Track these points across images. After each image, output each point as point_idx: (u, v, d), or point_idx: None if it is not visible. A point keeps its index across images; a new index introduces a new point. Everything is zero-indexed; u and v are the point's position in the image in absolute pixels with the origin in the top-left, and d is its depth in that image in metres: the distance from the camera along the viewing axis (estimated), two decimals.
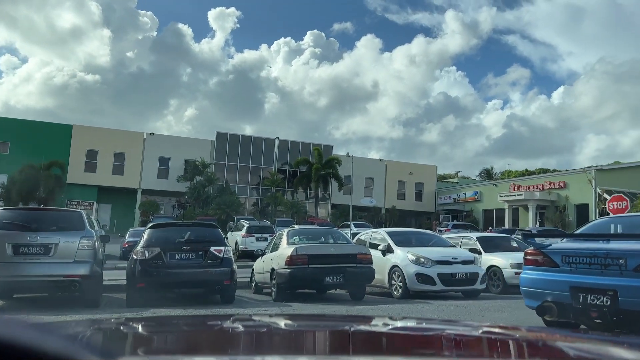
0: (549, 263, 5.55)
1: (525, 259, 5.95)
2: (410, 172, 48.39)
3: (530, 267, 5.82)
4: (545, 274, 5.56)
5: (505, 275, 11.21)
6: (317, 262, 8.99)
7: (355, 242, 12.59)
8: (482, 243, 12.42)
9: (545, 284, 5.51)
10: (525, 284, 5.84)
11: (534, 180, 37.48)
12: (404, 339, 1.55)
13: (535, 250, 5.78)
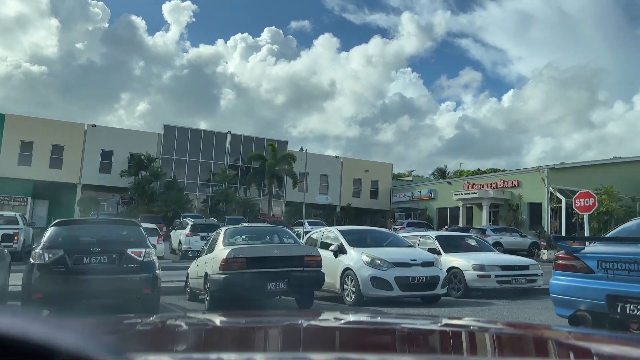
0: (583, 269, 5.14)
1: (556, 263, 5.57)
2: (366, 169, 47.75)
3: (562, 273, 5.39)
4: (578, 281, 5.16)
5: (466, 278, 10.29)
6: (258, 266, 7.70)
7: (306, 241, 11.41)
8: (442, 242, 11.49)
9: (578, 292, 5.13)
10: (556, 291, 5.45)
11: (487, 178, 37.50)
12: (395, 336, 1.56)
13: (568, 255, 5.35)
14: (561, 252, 5.57)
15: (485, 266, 10.13)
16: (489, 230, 28.70)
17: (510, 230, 29.60)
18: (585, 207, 10.28)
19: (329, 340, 1.50)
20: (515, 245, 28.66)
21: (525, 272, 10.37)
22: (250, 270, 7.64)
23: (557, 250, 6.11)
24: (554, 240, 5.93)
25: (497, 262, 10.36)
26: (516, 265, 10.47)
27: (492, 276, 10.03)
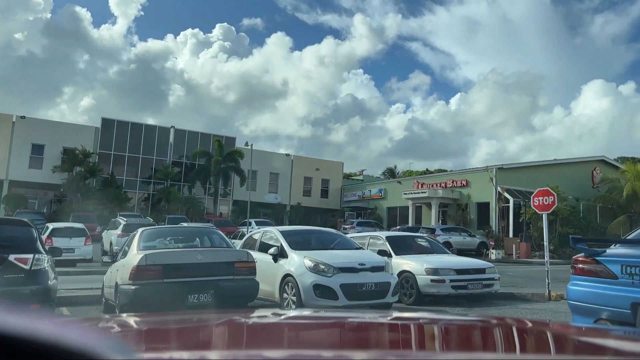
0: (606, 274, 4.71)
1: (575, 267, 5.09)
2: (317, 168, 46.82)
3: (582, 278, 4.95)
4: (600, 287, 4.74)
5: (419, 283, 9.40)
6: (177, 275, 6.43)
7: (244, 242, 10.19)
8: (393, 244, 10.56)
9: (600, 299, 4.72)
10: (574, 298, 5.02)
11: (437, 178, 37.40)
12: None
13: (588, 258, 4.89)
14: (580, 255, 5.06)
15: (440, 270, 9.28)
16: (438, 229, 28.38)
17: (459, 229, 29.42)
18: (544, 206, 9.64)
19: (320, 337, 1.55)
20: (464, 245, 28.49)
21: (481, 276, 9.60)
22: (168, 279, 6.36)
23: (574, 252, 5.56)
24: (572, 242, 5.09)
25: (452, 266, 9.54)
26: (472, 268, 9.68)
27: (447, 281, 9.19)
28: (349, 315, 2.26)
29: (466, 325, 1.72)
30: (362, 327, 1.68)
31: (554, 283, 14.96)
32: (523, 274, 19.32)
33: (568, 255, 28.80)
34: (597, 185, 34.87)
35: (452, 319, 1.94)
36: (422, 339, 1.49)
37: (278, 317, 2.02)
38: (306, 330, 1.65)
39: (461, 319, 1.97)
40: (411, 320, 1.88)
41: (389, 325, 1.72)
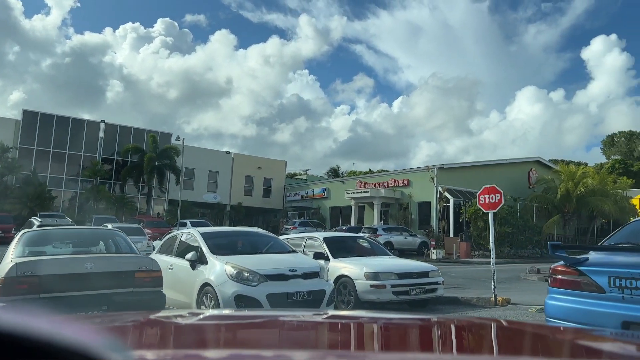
0: (591, 286, 4.00)
1: (554, 278, 4.35)
2: (259, 166, 45.47)
3: (562, 291, 4.22)
4: (584, 302, 4.02)
5: (358, 289, 8.51)
6: (58, 288, 5.17)
7: (161, 246, 8.93)
8: (331, 246, 9.63)
9: (584, 316, 3.94)
10: (553, 315, 4.22)
11: (379, 177, 37.12)
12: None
13: (569, 268, 4.16)
14: (559, 263, 4.32)
15: (380, 274, 8.43)
16: (380, 229, 27.94)
17: (400, 229, 29.14)
18: (491, 204, 9.04)
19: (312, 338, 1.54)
20: (406, 244, 28.22)
21: (424, 280, 8.83)
22: (46, 294, 5.08)
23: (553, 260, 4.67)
24: (552, 249, 4.19)
25: (394, 269, 8.73)
26: (415, 272, 8.89)
27: (388, 286, 8.36)
28: (281, 314, 2.22)
29: (405, 324, 1.72)
30: (300, 327, 1.68)
31: (496, 285, 14.68)
32: (464, 274, 19.03)
33: (506, 255, 29.32)
34: (533, 186, 35.77)
35: (392, 318, 1.97)
36: (360, 338, 1.51)
37: (265, 317, 2.00)
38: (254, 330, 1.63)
39: (400, 317, 2.04)
40: (350, 319, 1.88)
41: (328, 325, 1.72)
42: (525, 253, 29.83)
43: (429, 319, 1.99)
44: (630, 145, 76.10)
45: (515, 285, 15.06)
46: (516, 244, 29.56)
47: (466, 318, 2.17)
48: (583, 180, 32.03)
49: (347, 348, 1.34)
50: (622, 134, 79.49)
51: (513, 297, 10.31)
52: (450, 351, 1.37)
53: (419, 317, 1.98)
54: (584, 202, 31.75)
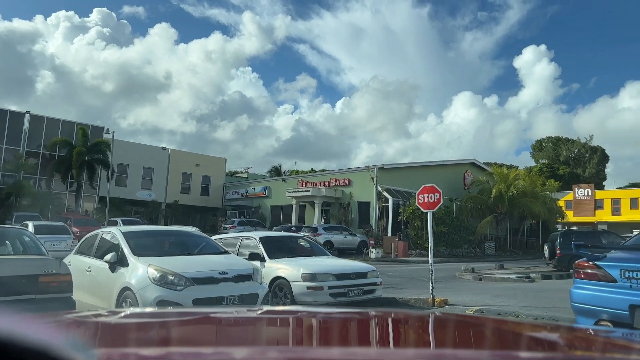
0: (606, 277, 5.08)
1: (577, 271, 5.47)
2: (197, 163, 44.08)
3: (584, 281, 5.33)
4: (601, 290, 5.09)
5: (294, 291, 8.11)
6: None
7: (79, 246, 8.13)
8: (267, 246, 9.18)
9: (600, 301, 5.07)
10: (577, 300, 5.38)
11: (321, 177, 37.00)
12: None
13: (589, 263, 5.29)
14: (582, 259, 5.42)
15: (318, 275, 8.09)
16: (320, 228, 27.76)
17: (340, 228, 29.10)
18: (430, 204, 8.92)
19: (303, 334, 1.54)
20: (346, 244, 28.21)
21: (362, 281, 8.58)
22: None
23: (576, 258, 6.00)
24: (575, 248, 5.62)
25: (332, 270, 8.40)
26: (353, 273, 8.61)
27: (325, 288, 8.03)
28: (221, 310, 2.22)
29: (342, 318, 1.74)
30: (237, 323, 1.68)
31: (430, 283, 14.75)
32: (402, 273, 19.14)
33: (442, 254, 29.99)
34: (468, 187, 36.88)
35: (330, 312, 1.94)
36: (298, 333, 1.52)
37: (250, 314, 1.99)
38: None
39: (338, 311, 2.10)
40: (286, 314, 1.90)
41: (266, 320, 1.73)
42: (460, 252, 30.65)
43: (366, 312, 1.97)
44: (556, 150, 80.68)
45: (451, 284, 15.25)
46: (451, 243, 30.31)
47: (402, 311, 2.29)
48: (515, 182, 33.37)
49: (284, 343, 1.34)
50: (549, 139, 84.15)
51: (450, 298, 10.31)
52: (386, 344, 1.37)
53: (355, 310, 1.96)
54: (515, 203, 33.06)
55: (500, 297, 10.85)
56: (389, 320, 1.73)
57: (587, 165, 77.74)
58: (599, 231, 22.26)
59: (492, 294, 11.55)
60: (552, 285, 13.97)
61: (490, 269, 20.98)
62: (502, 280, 16.40)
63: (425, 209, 9.16)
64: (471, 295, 11.38)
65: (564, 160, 78.61)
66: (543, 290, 12.31)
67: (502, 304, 9.52)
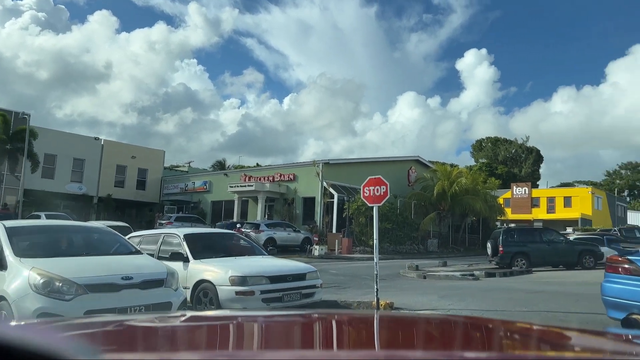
0: (637, 272, 5.20)
1: (609, 265, 5.58)
2: (133, 155, 41.61)
3: (615, 276, 5.44)
4: (632, 284, 5.20)
5: (220, 297, 7.01)
6: None
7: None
8: (192, 244, 8.02)
9: (631, 295, 5.15)
10: (608, 294, 5.49)
11: (265, 171, 35.73)
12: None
13: (622, 258, 5.46)
14: (614, 254, 5.67)
15: (249, 278, 7.04)
16: (262, 225, 26.65)
17: (284, 225, 28.11)
18: (376, 197, 8.09)
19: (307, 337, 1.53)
20: (289, 240, 27.27)
21: (300, 283, 7.60)
22: None
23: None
24: (608, 243, 6.31)
25: (265, 272, 7.36)
26: (290, 274, 7.59)
27: (257, 292, 6.99)
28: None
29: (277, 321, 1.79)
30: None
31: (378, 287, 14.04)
32: (345, 271, 18.41)
33: (386, 250, 29.66)
34: (412, 184, 36.88)
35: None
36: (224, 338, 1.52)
37: (257, 318, 1.96)
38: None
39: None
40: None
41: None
42: (404, 249, 30.45)
43: (309, 314, 2.01)
44: (495, 150, 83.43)
45: (396, 283, 14.62)
46: (396, 240, 30.05)
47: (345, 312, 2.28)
48: (458, 179, 33.63)
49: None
50: (489, 140, 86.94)
51: (396, 299, 9.57)
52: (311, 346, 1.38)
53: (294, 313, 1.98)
54: (457, 201, 33.31)
55: (448, 298, 10.23)
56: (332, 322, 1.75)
57: (523, 165, 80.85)
58: (540, 228, 22.51)
59: (439, 294, 10.94)
60: (497, 284, 13.62)
61: (434, 266, 20.68)
62: (446, 279, 15.99)
63: (371, 203, 8.32)
64: (417, 296, 10.72)
65: (502, 160, 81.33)
66: (489, 289, 11.86)
67: (451, 307, 8.88)
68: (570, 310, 7.85)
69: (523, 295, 10.11)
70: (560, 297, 9.74)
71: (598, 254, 19.61)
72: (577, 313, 7.80)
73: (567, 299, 9.27)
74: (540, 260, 19.45)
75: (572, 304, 8.68)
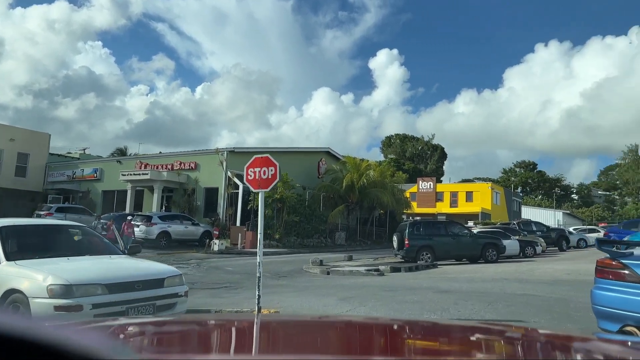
0: (633, 277, 4.58)
1: (600, 270, 4.89)
2: (12, 138, 36.60)
3: (608, 282, 4.77)
4: (628, 292, 4.58)
5: (33, 313, 5.01)
6: None
7: None
8: (8, 239, 5.84)
9: (626, 304, 4.56)
10: (599, 303, 4.84)
11: (163, 159, 32.76)
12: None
13: (614, 261, 4.72)
14: (606, 257, 4.87)
15: (75, 287, 5.08)
16: (155, 217, 24.09)
17: (181, 217, 25.72)
18: (263, 181, 6.49)
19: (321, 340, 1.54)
20: (186, 234, 24.98)
21: (155, 292, 5.71)
22: None
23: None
24: (598, 244, 4.72)
25: (103, 278, 5.40)
26: (139, 280, 5.65)
27: (87, 307, 5.07)
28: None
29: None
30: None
31: (272, 281, 12.45)
32: (244, 268, 16.66)
33: (293, 244, 28.29)
34: (322, 176, 35.87)
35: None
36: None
37: (280, 320, 2.02)
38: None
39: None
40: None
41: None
42: (311, 242, 29.30)
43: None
44: (403, 147, 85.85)
45: (296, 281, 13.15)
46: (303, 233, 28.79)
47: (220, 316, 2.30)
48: (367, 172, 33.09)
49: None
50: (397, 137, 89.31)
51: (288, 304, 8.04)
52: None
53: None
54: (366, 193, 32.79)
55: (348, 301, 8.88)
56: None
57: (429, 162, 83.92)
58: (446, 221, 22.24)
59: (339, 295, 9.58)
60: (403, 281, 12.61)
61: (340, 261, 19.59)
62: (350, 274, 14.83)
63: (256, 188, 6.68)
64: (314, 299, 9.28)
65: (409, 156, 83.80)
66: (395, 288, 10.73)
67: (351, 312, 7.49)
68: (486, 318, 6.78)
69: (431, 296, 9.02)
70: (472, 298, 8.76)
71: (500, 247, 19.63)
72: (499, 321, 6.73)
73: (480, 301, 8.28)
74: (445, 254, 19.06)
75: (486, 308, 7.66)
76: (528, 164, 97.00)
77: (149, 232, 23.11)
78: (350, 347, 1.45)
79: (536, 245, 23.14)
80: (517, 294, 9.26)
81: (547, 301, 8.22)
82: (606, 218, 70.73)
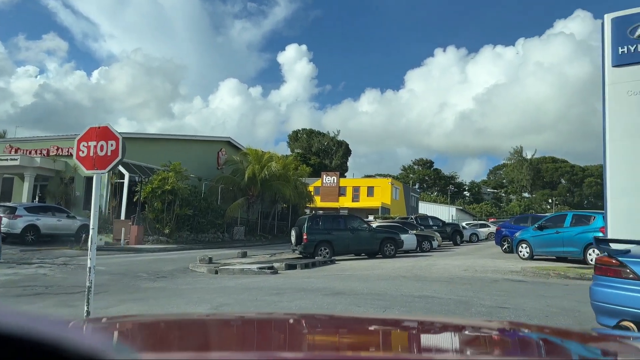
0: (629, 275, 4.78)
1: (598, 267, 5.15)
2: None
3: (606, 279, 4.99)
4: (624, 288, 4.79)
5: None
6: None
7: None
8: None
9: (623, 300, 4.78)
10: (598, 299, 5.06)
11: (38, 143, 28.92)
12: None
13: (612, 259, 4.96)
14: (604, 254, 5.15)
15: None
16: (21, 208, 20.87)
17: (54, 209, 22.61)
18: (99, 159, 4.97)
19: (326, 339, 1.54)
20: (59, 228, 21.97)
21: None
22: None
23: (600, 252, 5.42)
24: (596, 242, 5.02)
25: None
26: None
27: None
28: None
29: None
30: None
31: (147, 283, 10.51)
32: (119, 267, 14.54)
33: (186, 240, 26.15)
34: (221, 167, 34.00)
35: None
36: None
37: (277, 317, 2.04)
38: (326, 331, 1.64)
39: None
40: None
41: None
42: (206, 237, 27.43)
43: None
44: (310, 142, 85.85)
45: (175, 282, 11.47)
46: (197, 227, 26.81)
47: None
48: (269, 164, 31.77)
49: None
50: (304, 131, 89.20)
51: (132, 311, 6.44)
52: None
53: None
54: (268, 186, 31.52)
55: (225, 309, 7.50)
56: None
57: (334, 157, 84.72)
58: (345, 215, 21.56)
59: (214, 302, 8.15)
60: (296, 280, 11.46)
61: (232, 258, 18.09)
62: (240, 273, 13.43)
63: (90, 168, 5.11)
64: (184, 307, 7.77)
65: (315, 151, 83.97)
66: (284, 291, 9.52)
67: None
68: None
69: (321, 301, 7.93)
70: (367, 302, 7.80)
71: (399, 242, 19.32)
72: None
73: (374, 306, 7.32)
74: (344, 249, 18.38)
75: (380, 313, 6.67)
76: (425, 162, 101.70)
77: (12, 226, 19.95)
78: (349, 345, 1.45)
79: (432, 240, 23.32)
80: (415, 296, 8.47)
81: (446, 304, 7.47)
82: (494, 214, 75.86)
